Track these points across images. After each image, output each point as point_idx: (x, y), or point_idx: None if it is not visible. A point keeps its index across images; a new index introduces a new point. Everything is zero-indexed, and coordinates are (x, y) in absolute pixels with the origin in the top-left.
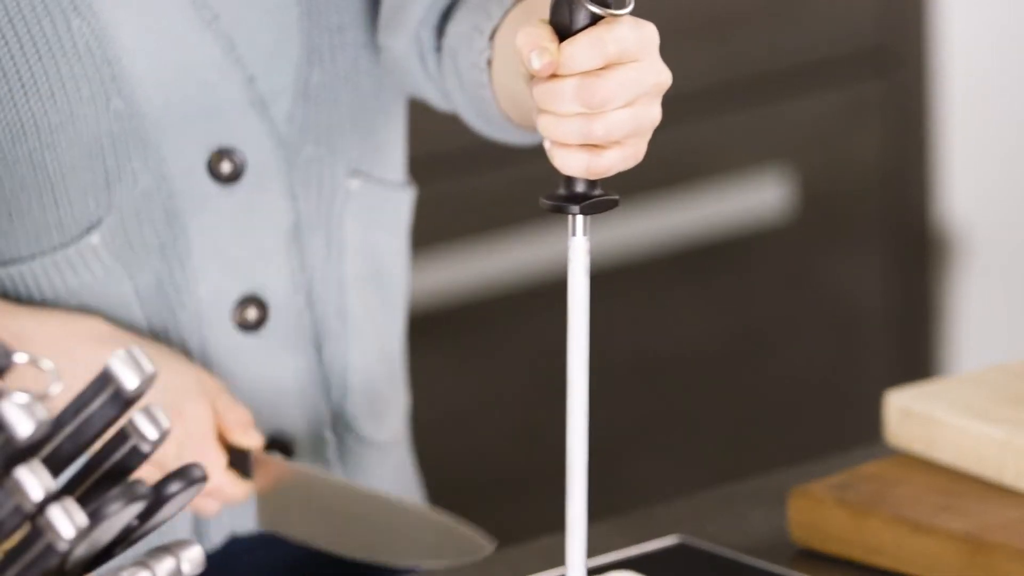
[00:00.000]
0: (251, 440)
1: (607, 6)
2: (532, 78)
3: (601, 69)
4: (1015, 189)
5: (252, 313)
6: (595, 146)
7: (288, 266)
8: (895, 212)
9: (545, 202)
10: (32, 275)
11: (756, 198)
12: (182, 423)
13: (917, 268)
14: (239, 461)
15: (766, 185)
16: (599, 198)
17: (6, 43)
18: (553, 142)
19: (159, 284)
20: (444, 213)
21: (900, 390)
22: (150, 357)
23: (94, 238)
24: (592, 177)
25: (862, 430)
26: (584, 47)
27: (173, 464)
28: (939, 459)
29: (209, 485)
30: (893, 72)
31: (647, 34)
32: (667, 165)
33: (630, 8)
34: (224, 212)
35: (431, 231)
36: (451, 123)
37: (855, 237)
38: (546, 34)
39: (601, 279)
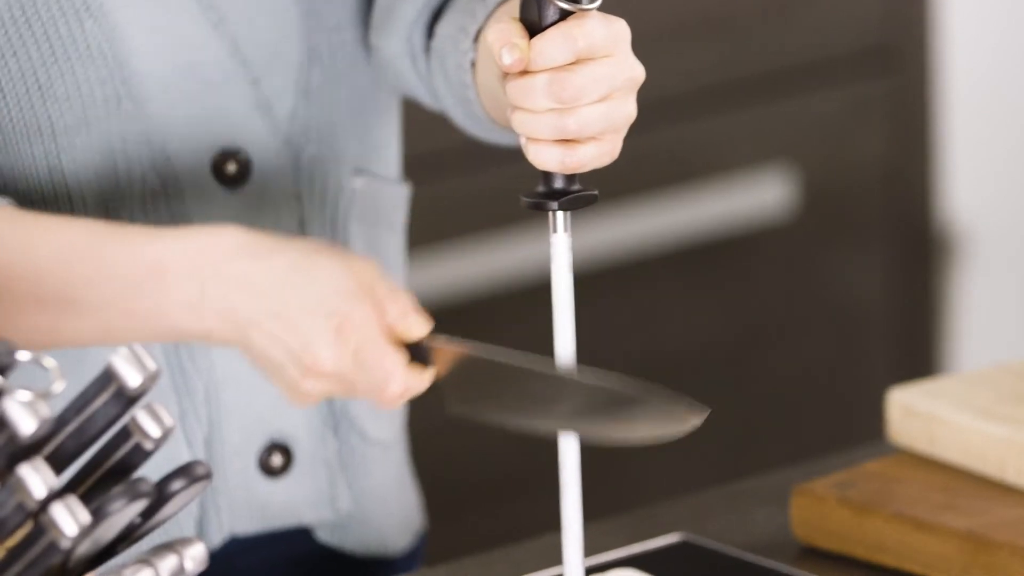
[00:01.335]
0: (420, 328)
1: (576, 1)
2: (505, 75)
3: (572, 64)
4: (1018, 187)
5: None
6: (570, 141)
7: None
8: (898, 210)
9: (524, 200)
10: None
11: (759, 196)
12: (354, 331)
13: (920, 266)
14: (416, 353)
15: (769, 183)
16: (577, 193)
17: (24, 45)
18: (527, 138)
19: None
20: (442, 212)
21: (902, 388)
22: (298, 262)
23: None
24: (567, 172)
25: (865, 428)
26: (553, 42)
27: (357, 377)
28: (941, 457)
29: (396, 387)
30: (896, 71)
31: (617, 29)
32: (670, 163)
33: (598, 3)
34: (229, 213)
35: (429, 230)
36: (447, 122)
37: (858, 235)
38: (516, 31)
39: (604, 277)
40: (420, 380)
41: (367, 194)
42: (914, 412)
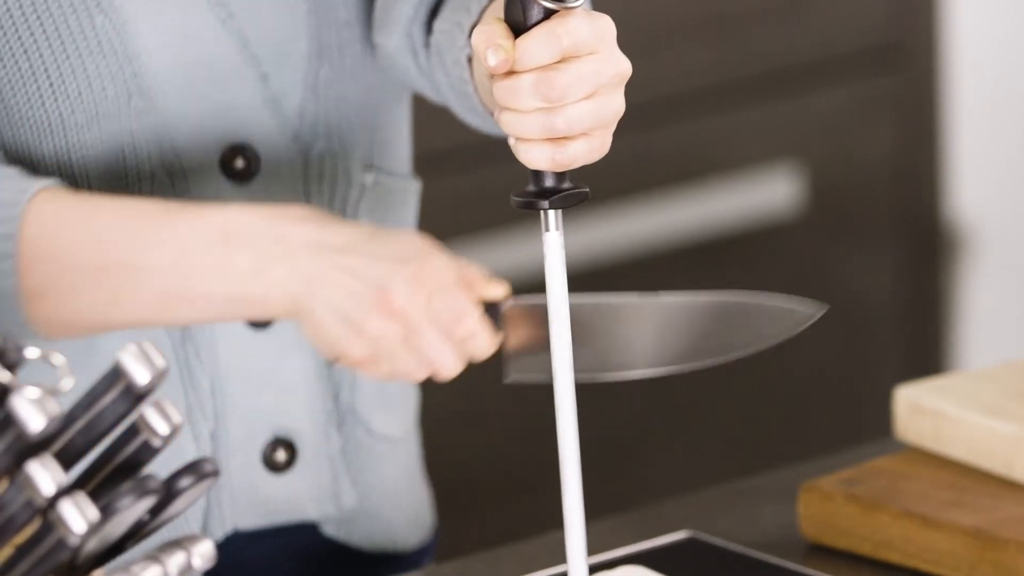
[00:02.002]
0: (496, 289)
1: (560, 0)
2: (492, 76)
3: (558, 63)
4: None
5: None
6: (559, 138)
7: None
8: (905, 208)
9: (515, 199)
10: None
11: (767, 194)
12: (431, 277)
13: (927, 264)
14: (489, 312)
15: (777, 181)
16: (568, 191)
17: (35, 42)
18: (516, 138)
19: None
20: (451, 209)
21: (910, 385)
22: (369, 231)
23: None
24: (558, 169)
25: (872, 425)
26: (538, 41)
27: (425, 325)
28: (949, 454)
29: (464, 330)
30: (904, 68)
31: (602, 25)
32: (678, 161)
33: (582, 1)
34: None
35: (439, 227)
36: (455, 118)
37: (865, 233)
38: (501, 31)
39: (611, 275)
40: (489, 337)
41: (376, 189)
42: (921, 409)
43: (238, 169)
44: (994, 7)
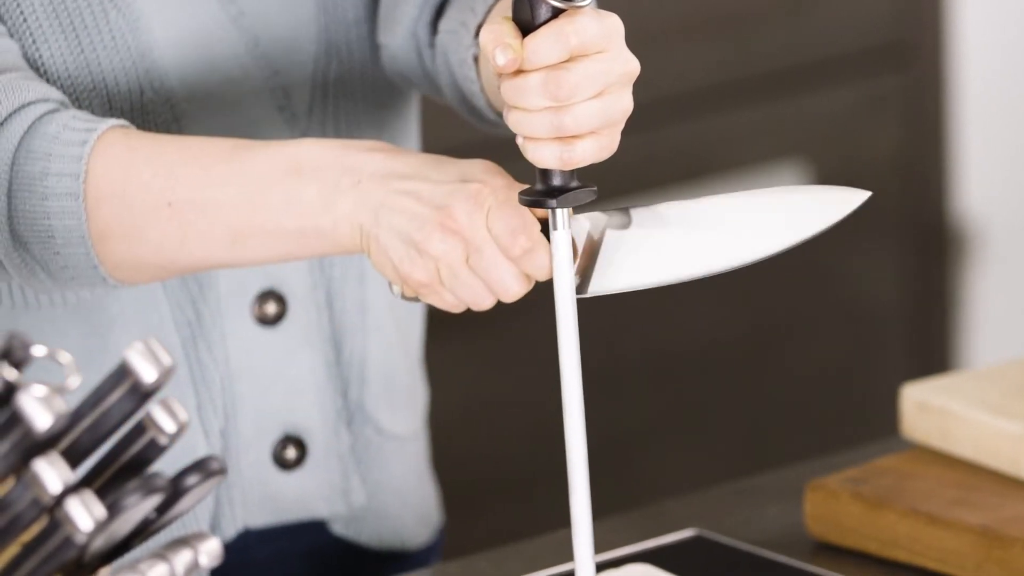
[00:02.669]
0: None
1: None
2: (500, 75)
3: (566, 62)
4: None
5: (271, 307)
6: (567, 137)
7: (308, 260)
8: (911, 207)
9: (523, 198)
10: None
11: None
12: (491, 194)
13: (933, 262)
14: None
15: (783, 180)
16: (576, 189)
17: (49, 37)
18: (524, 137)
19: (183, 279)
20: None
21: (916, 384)
22: (435, 158)
23: None
24: (566, 168)
25: (878, 424)
26: (546, 40)
27: (486, 241)
28: (955, 453)
29: (522, 246)
30: (910, 67)
31: (610, 24)
32: (684, 160)
33: (590, 0)
34: None
35: None
36: (461, 116)
37: (872, 232)
38: (509, 30)
39: None
40: (547, 253)
41: None
42: (928, 408)
43: None
44: (1000, 5)
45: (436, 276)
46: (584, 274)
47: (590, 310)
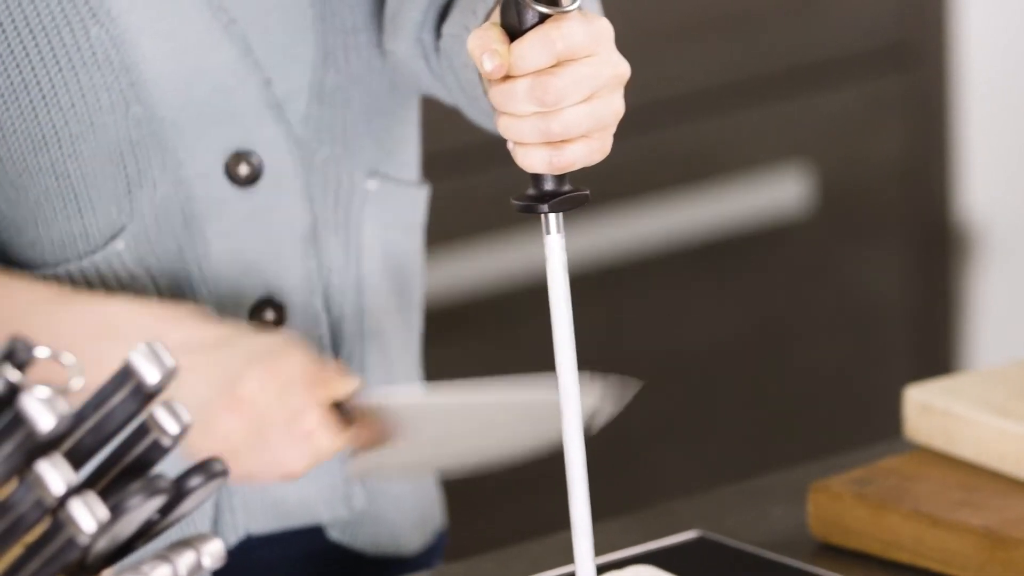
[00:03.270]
0: (348, 387)
1: (555, 3)
2: (488, 81)
3: (554, 67)
4: None
5: (269, 315)
6: (556, 142)
7: (305, 268)
8: (915, 208)
9: (515, 203)
10: (58, 282)
11: (776, 194)
12: (285, 369)
13: (937, 263)
14: (341, 410)
15: (786, 181)
16: (568, 194)
17: (27, 55)
18: (514, 142)
19: (178, 287)
20: (459, 209)
21: (920, 385)
22: (240, 329)
23: (119, 244)
24: (556, 173)
25: (882, 425)
26: (532, 46)
27: (274, 414)
28: (958, 454)
29: (305, 428)
30: (913, 68)
31: (598, 28)
32: (687, 161)
33: (577, 4)
34: (242, 215)
35: (446, 228)
36: (464, 118)
37: (875, 233)
38: (496, 36)
39: (622, 275)
40: (335, 435)
41: (382, 196)
42: (931, 409)
43: (242, 175)
44: (1003, 7)
45: (223, 451)
46: (371, 445)
47: (590, 310)
